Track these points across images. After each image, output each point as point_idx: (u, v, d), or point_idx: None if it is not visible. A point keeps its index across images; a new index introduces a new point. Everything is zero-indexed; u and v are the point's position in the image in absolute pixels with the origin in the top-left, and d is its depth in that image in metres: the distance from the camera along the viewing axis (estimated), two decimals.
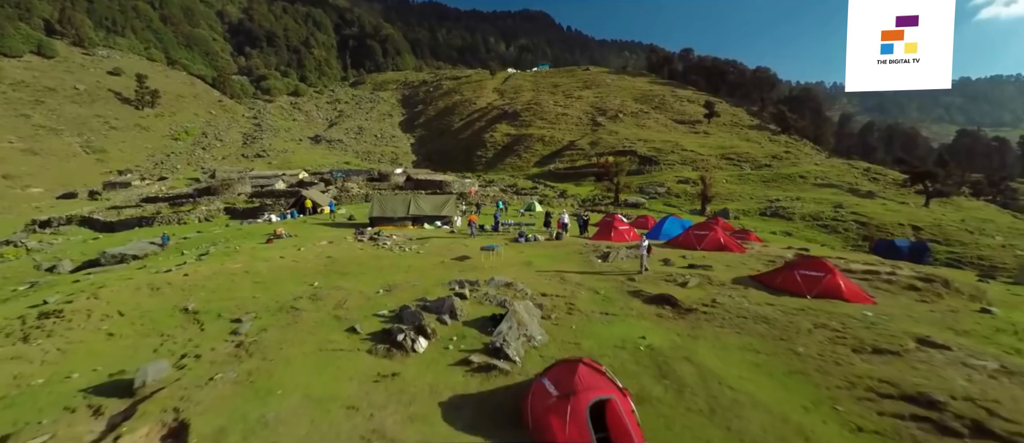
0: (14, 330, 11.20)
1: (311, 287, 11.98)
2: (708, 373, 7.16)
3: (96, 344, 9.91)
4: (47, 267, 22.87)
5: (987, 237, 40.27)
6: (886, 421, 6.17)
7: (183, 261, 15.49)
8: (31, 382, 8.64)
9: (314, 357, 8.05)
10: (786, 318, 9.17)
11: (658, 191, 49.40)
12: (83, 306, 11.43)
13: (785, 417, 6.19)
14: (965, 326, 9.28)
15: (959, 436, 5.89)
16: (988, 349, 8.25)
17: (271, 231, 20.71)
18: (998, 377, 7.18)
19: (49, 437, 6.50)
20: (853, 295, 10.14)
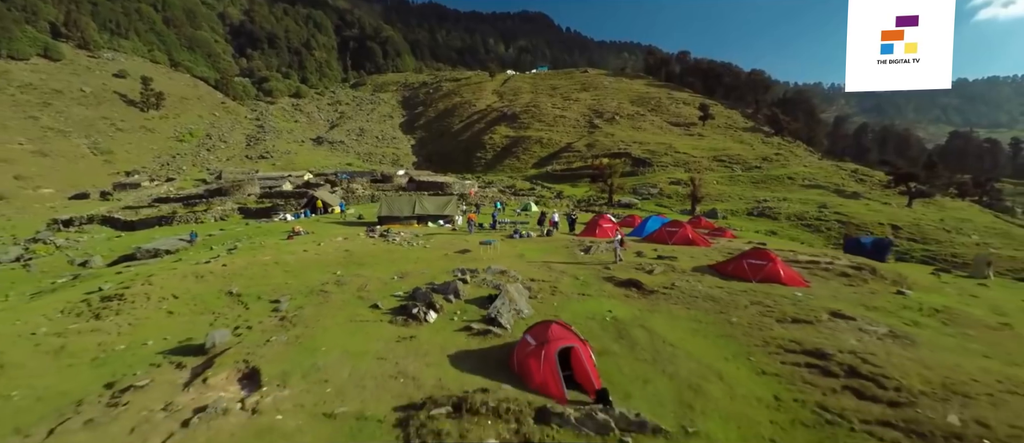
0: (83, 311, 13.24)
1: (335, 275, 14.03)
2: (656, 336, 9.20)
3: (159, 320, 11.95)
4: (80, 262, 24.88)
5: (964, 236, 42.33)
6: (785, 368, 8.21)
7: (216, 255, 17.51)
8: (114, 348, 10.68)
9: (346, 326, 10.09)
10: (729, 297, 11.22)
11: (651, 192, 51.44)
12: (141, 291, 13.46)
13: (709, 364, 8.24)
14: (877, 304, 11.34)
15: (836, 377, 7.93)
16: (887, 320, 10.30)
17: (289, 229, 22.77)
18: (883, 339, 9.24)
19: (149, 381, 8.52)
20: (790, 280, 12.18)
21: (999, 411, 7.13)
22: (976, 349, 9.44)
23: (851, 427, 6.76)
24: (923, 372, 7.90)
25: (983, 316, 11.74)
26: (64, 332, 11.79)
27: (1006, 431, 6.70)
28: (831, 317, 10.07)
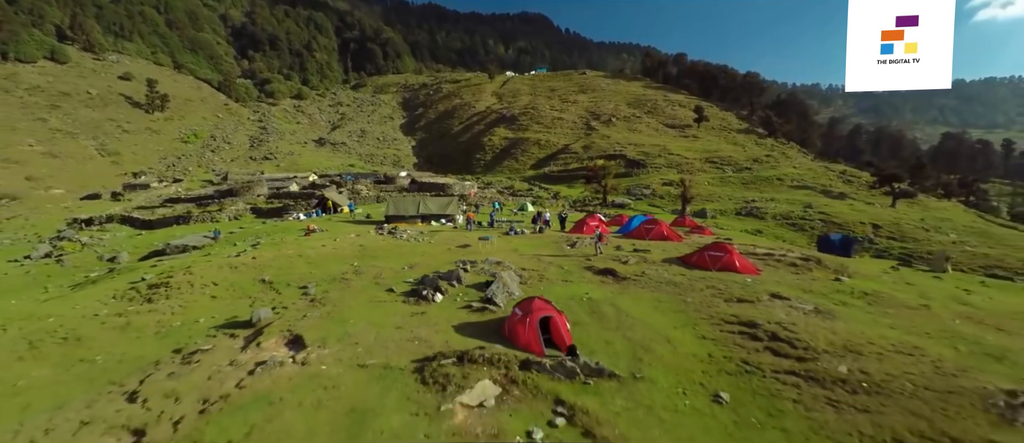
0: (135, 297, 15.32)
1: (352, 266, 16.10)
2: (622, 311, 11.28)
3: (204, 303, 14.02)
4: (108, 258, 26.95)
5: (942, 234, 44.44)
6: (722, 334, 10.29)
7: (242, 250, 19.57)
8: (171, 324, 12.76)
9: (367, 305, 12.16)
10: (688, 282, 13.31)
11: (644, 193, 53.53)
12: (184, 279, 15.53)
13: (661, 332, 10.32)
14: (814, 288, 13.43)
15: (760, 341, 10.01)
16: (818, 300, 12.39)
17: (305, 227, 24.88)
18: (808, 314, 11.33)
19: (212, 346, 10.58)
20: (744, 268, 14.26)
21: (881, 364, 9.20)
22: (885, 322, 11.54)
23: (763, 375, 8.84)
24: (830, 337, 9.98)
25: (907, 299, 13.83)
26: (124, 313, 13.87)
27: (882, 377, 8.77)
28: (770, 298, 12.16)
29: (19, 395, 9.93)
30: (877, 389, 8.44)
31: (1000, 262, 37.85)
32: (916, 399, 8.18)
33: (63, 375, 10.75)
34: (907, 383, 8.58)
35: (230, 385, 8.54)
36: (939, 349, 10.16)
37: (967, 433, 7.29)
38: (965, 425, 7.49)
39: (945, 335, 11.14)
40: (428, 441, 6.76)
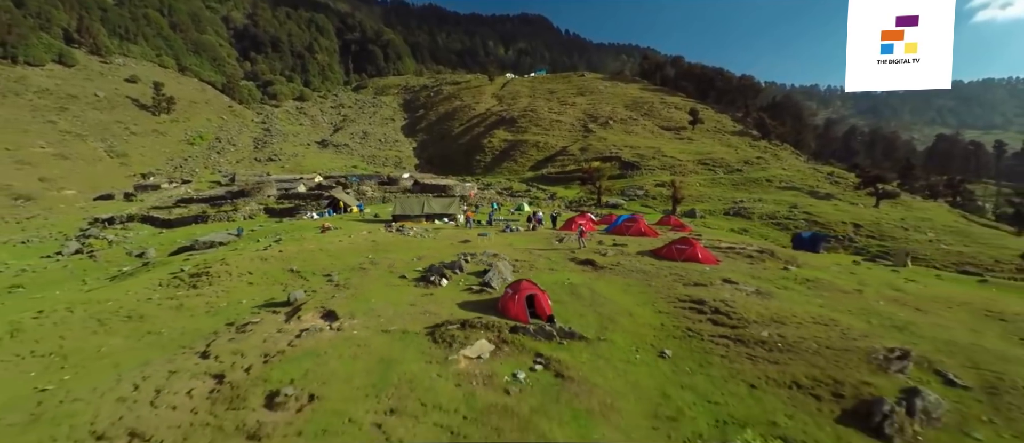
0: (180, 284, 17.73)
1: (368, 258, 18.51)
2: (596, 292, 13.69)
3: (243, 288, 16.43)
4: (137, 253, 29.37)
5: (920, 233, 46.74)
6: (674, 310, 12.70)
7: (267, 245, 21.99)
8: (219, 305, 15.17)
9: (384, 288, 14.57)
10: (655, 270, 15.72)
11: (637, 194, 55.93)
12: (222, 269, 17.94)
13: (625, 308, 12.73)
14: (763, 275, 15.84)
15: (704, 314, 12.41)
16: (762, 284, 14.80)
17: (319, 225, 27.32)
18: (749, 295, 13.74)
19: (260, 319, 12.98)
20: (705, 259, 16.66)
21: (798, 331, 11.60)
22: (816, 302, 13.95)
23: (702, 338, 11.24)
24: (761, 311, 12.39)
25: (845, 285, 16.23)
26: (174, 297, 16.29)
27: (795, 339, 11.16)
28: (722, 282, 14.56)
29: (106, 358, 12.37)
30: (789, 348, 10.84)
31: (973, 259, 40.34)
32: (818, 355, 10.57)
33: (136, 344, 13.19)
34: (813, 344, 10.98)
35: (283, 344, 10.95)
36: (852, 321, 12.56)
37: (848, 377, 9.69)
38: (848, 372, 9.89)
39: (863, 312, 13.54)
40: (439, 379, 9.16)
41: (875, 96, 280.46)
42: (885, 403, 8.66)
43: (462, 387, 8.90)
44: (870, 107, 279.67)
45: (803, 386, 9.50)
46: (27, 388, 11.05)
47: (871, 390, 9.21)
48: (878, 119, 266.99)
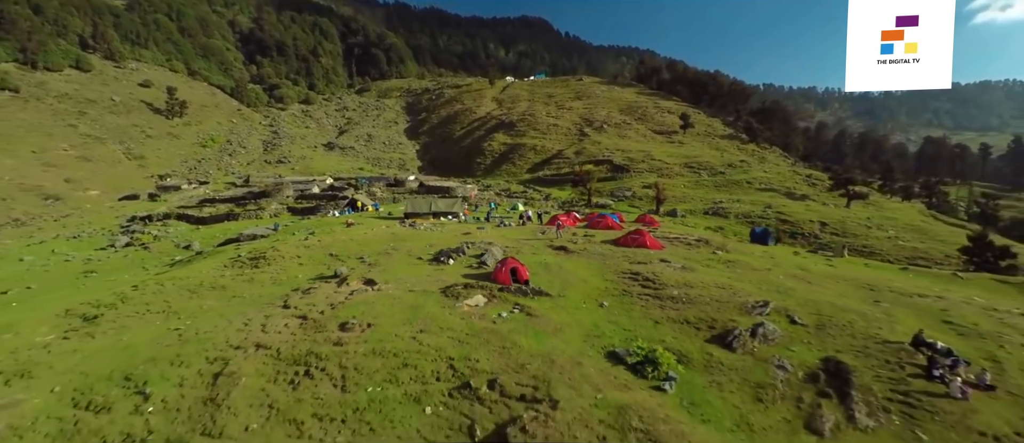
0: (242, 266, 22.77)
1: (390, 245, 23.59)
2: (564, 269, 18.75)
3: (296, 268, 21.49)
4: (184, 246, 34.48)
5: (882, 231, 51.50)
6: (617, 278, 17.76)
7: (305, 237, 27.06)
8: (279, 279, 20.23)
9: (406, 266, 19.64)
10: (611, 253, 20.78)
11: (626, 195, 60.93)
12: (275, 254, 23.00)
13: (582, 277, 17.80)
14: (694, 257, 20.89)
15: (637, 281, 17.45)
16: (689, 263, 19.83)
17: (344, 221, 32.34)
18: (676, 269, 18.78)
19: (318, 286, 17.99)
20: (652, 245, 21.69)
21: (700, 291, 16.63)
22: (727, 275, 18.95)
23: (631, 296, 16.29)
24: (678, 279, 17.43)
25: (759, 265, 21.24)
26: (243, 273, 21.36)
27: (695, 296, 16.19)
28: (658, 261, 19.60)
29: (210, 311, 17.43)
30: (689, 301, 15.87)
31: (925, 254, 45.37)
32: (707, 305, 15.61)
33: (227, 303, 18.25)
34: (707, 299, 16.00)
35: (341, 299, 16.01)
36: (745, 287, 17.56)
37: (722, 317, 14.74)
38: (723, 315, 14.93)
39: (760, 282, 18.54)
40: (450, 316, 14.20)
41: (872, 98, 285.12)
42: (737, 330, 13.73)
43: (465, 320, 13.95)
44: (867, 109, 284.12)
45: (690, 322, 14.57)
46: (163, 329, 16.11)
47: (732, 324, 14.24)
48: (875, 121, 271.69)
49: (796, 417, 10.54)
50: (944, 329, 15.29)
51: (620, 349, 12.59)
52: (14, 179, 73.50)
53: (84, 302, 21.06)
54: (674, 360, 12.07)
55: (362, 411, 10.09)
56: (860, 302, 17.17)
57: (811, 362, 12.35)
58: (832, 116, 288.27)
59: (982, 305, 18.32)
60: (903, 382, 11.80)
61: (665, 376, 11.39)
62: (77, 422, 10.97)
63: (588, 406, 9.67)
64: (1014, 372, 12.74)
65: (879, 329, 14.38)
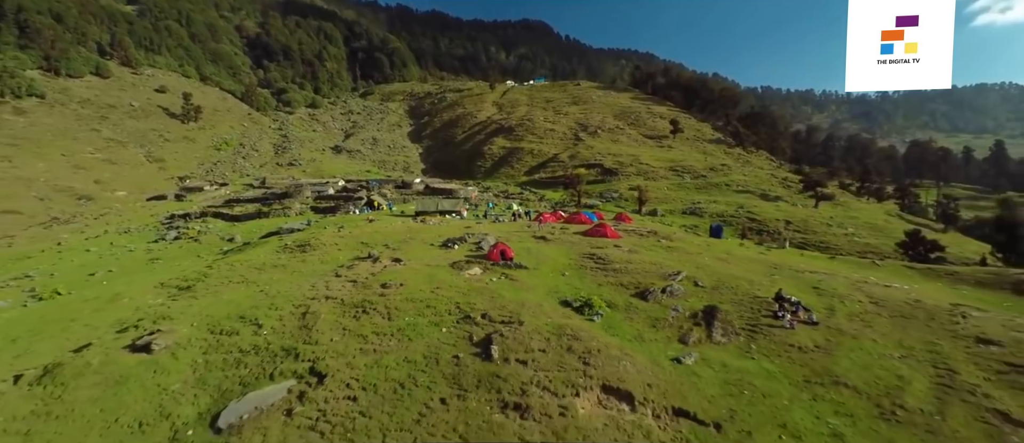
0: (293, 252, 29.26)
1: (407, 236, 30.08)
2: (541, 251, 25.26)
3: (336, 252, 27.98)
4: (228, 238, 41.00)
5: (841, 229, 57.84)
6: (579, 258, 24.30)
7: (337, 230, 33.56)
8: (325, 260, 26.73)
9: (421, 250, 26.19)
10: (579, 241, 27.27)
11: (613, 196, 67.38)
12: (317, 242, 29.49)
13: (552, 257, 24.34)
14: (642, 244, 27.41)
15: (593, 260, 23.93)
16: (635, 248, 26.32)
17: (366, 218, 38.86)
18: (623, 252, 25.26)
19: (356, 264, 24.45)
20: (611, 235, 28.13)
21: (638, 266, 23.07)
22: (663, 256, 25.37)
23: (587, 269, 22.77)
24: (623, 258, 23.89)
25: (694, 250, 27.66)
26: (295, 257, 27.85)
27: (632, 268, 22.64)
28: (613, 247, 26.06)
29: (277, 281, 23.91)
30: (627, 272, 22.30)
31: (875, 248, 51.87)
32: (638, 274, 22.04)
33: (291, 277, 24.73)
34: (640, 270, 22.42)
35: (377, 270, 22.49)
36: (674, 264, 23.96)
37: (646, 282, 21.17)
38: (648, 280, 21.37)
39: (688, 262, 24.94)
40: (457, 280, 20.64)
41: (869, 101, 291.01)
42: (653, 289, 20.18)
43: (466, 282, 20.40)
44: (864, 111, 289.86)
45: (623, 285, 21.03)
46: (250, 292, 22.58)
47: (652, 285, 20.68)
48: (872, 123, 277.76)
49: (674, 335, 16.98)
50: (810, 292, 21.68)
51: (569, 298, 19.06)
52: (49, 181, 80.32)
53: (172, 278, 27.69)
54: (605, 305, 18.54)
55: (403, 330, 16.53)
56: (757, 275, 23.58)
57: (697, 307, 18.77)
58: (829, 118, 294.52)
59: (855, 279, 24.76)
60: (755, 319, 18.21)
61: (596, 313, 17.85)
62: (217, 340, 17.45)
63: (541, 325, 16.08)
64: (839, 317, 19.10)
65: (758, 290, 20.78)
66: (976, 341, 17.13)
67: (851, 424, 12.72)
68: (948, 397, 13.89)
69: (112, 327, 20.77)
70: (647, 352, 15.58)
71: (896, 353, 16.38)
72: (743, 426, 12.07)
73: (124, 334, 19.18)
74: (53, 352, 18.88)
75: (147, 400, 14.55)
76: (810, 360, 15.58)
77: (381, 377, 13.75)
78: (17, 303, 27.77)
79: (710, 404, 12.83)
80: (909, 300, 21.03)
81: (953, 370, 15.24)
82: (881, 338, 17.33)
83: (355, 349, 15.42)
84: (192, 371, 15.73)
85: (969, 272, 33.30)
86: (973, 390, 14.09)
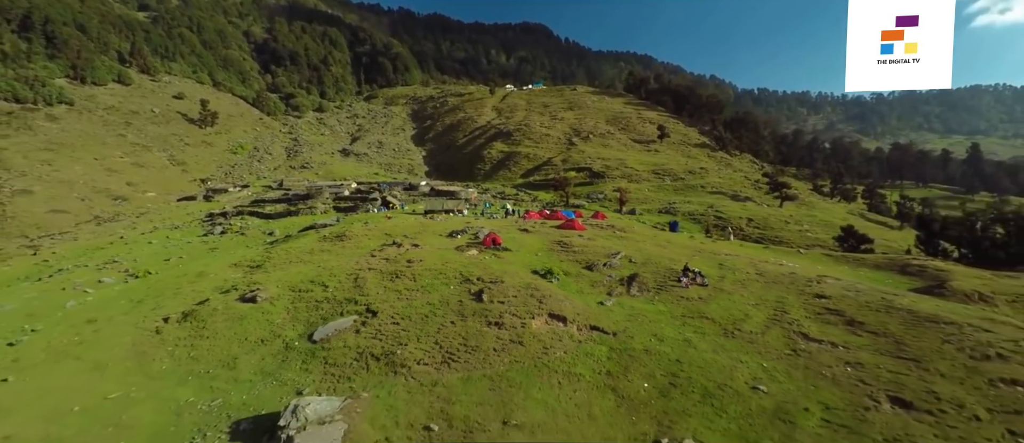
0: (333, 240, 38.08)
1: (421, 228, 38.88)
2: (523, 239, 34.12)
3: (366, 241, 36.78)
4: (269, 233, 49.79)
5: (797, 225, 66.30)
6: (551, 243, 33.18)
7: (363, 224, 42.34)
8: (359, 246, 35.55)
9: (433, 239, 35.07)
10: (551, 232, 36.10)
11: (598, 197, 76.05)
12: (351, 234, 38.31)
13: (529, 243, 33.17)
14: (600, 234, 36.30)
15: (560, 244, 32.73)
16: (594, 237, 35.17)
17: (385, 215, 47.62)
18: (585, 240, 34.09)
19: (384, 248, 33.19)
20: (578, 228, 36.84)
21: (591, 249, 31.85)
22: (615, 243, 34.12)
23: (554, 251, 31.57)
24: (582, 244, 32.67)
25: (640, 239, 36.40)
26: (334, 245, 36.65)
27: (590, 250, 31.44)
28: (577, 236, 34.83)
29: (330, 260, 32.70)
30: (582, 252, 31.05)
31: (821, 242, 60.10)
32: (590, 254, 30.82)
33: (338, 257, 33.52)
34: (592, 252, 31.16)
35: (402, 252, 31.31)
36: (620, 248, 32.66)
37: (594, 259, 29.99)
38: (595, 258, 30.18)
39: (632, 247, 33.63)
40: (460, 258, 29.40)
41: (864, 102, 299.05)
42: (597, 263, 28.97)
43: (467, 259, 29.18)
44: (859, 113, 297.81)
45: (578, 261, 29.84)
46: (308, 268, 31.37)
47: (598, 261, 29.43)
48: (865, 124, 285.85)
49: (604, 291, 25.71)
50: (715, 266, 30.35)
51: (538, 268, 27.84)
52: (87, 182, 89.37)
53: (241, 260, 36.55)
54: (562, 273, 27.33)
55: (424, 288, 25.26)
56: (682, 255, 32.26)
57: (625, 274, 27.50)
58: (825, 120, 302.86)
59: (758, 259, 33.42)
60: (664, 282, 26.94)
61: (554, 277, 26.62)
62: (298, 295, 26.24)
63: (516, 283, 24.79)
64: (726, 282, 27.75)
65: (675, 265, 29.46)
66: (814, 296, 25.72)
67: (701, 336, 21.34)
68: (774, 325, 22.53)
69: (215, 290, 29.60)
70: (583, 299, 24.39)
71: (753, 302, 25.03)
72: (629, 334, 20.80)
73: (228, 294, 28.00)
74: (180, 306, 27.68)
75: (262, 327, 23.40)
76: (690, 305, 24.31)
77: (412, 312, 22.56)
78: (120, 280, 36.62)
79: (614, 324, 21.59)
80: (785, 272, 29.71)
81: (786, 311, 23.88)
82: (748, 294, 25.99)
83: (394, 298, 24.24)
84: (287, 312, 24.57)
85: (872, 259, 42.30)
86: (793, 323, 22.69)
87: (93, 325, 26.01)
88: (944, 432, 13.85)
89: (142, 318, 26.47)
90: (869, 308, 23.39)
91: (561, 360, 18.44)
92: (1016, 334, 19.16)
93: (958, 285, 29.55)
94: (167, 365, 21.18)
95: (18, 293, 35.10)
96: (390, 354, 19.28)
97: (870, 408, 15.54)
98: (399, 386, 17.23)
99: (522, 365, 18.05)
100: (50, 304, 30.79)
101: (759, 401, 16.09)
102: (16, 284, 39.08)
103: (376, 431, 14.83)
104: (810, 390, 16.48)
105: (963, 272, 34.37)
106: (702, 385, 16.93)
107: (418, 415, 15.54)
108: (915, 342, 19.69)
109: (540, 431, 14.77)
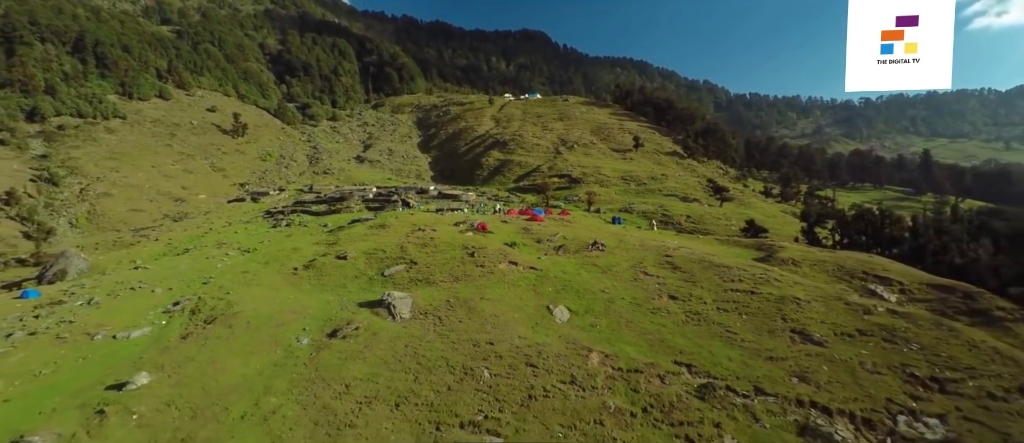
0: (377, 229, 59.18)
1: (435, 221, 59.88)
2: (501, 227, 55.37)
3: (401, 228, 57.93)
4: (323, 225, 71.00)
5: (726, 220, 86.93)
6: (520, 230, 54.35)
7: (394, 218, 63.32)
8: (398, 232, 56.65)
9: (444, 226, 56.34)
10: (522, 223, 57.22)
11: (574, 199, 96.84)
12: (388, 224, 59.44)
13: (507, 232, 54.34)
14: (554, 224, 57.46)
15: (527, 232, 53.81)
16: (551, 227, 56.36)
17: (408, 213, 68.63)
18: (542, 227, 55.26)
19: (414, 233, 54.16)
20: (539, 220, 57.77)
21: (543, 232, 52.82)
22: (562, 228, 55.14)
23: (523, 236, 52.63)
24: (539, 230, 53.76)
25: (581, 226, 57.33)
26: (378, 232, 57.78)
27: (541, 233, 52.43)
28: (539, 226, 55.89)
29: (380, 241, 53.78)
30: (537, 233, 52.04)
31: (736, 233, 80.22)
32: (541, 234, 51.78)
33: (384, 238, 54.64)
34: (543, 233, 52.12)
35: (426, 234, 52.39)
36: (563, 231, 53.51)
37: (542, 236, 51.05)
38: (544, 236, 51.19)
39: (570, 231, 54.52)
40: (462, 236, 50.38)
41: (852, 107, 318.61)
42: (544, 239, 50.19)
43: (466, 237, 50.24)
44: (846, 117, 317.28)
45: (533, 238, 50.99)
46: (370, 243, 52.44)
47: (544, 237, 50.49)
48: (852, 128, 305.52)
49: (544, 252, 46.71)
50: (616, 240, 51.26)
51: (508, 241, 48.94)
52: (151, 186, 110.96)
53: (318, 241, 57.73)
54: (521, 243, 48.41)
55: (441, 250, 46.28)
56: (600, 235, 53.10)
57: (558, 245, 48.46)
58: (813, 124, 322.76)
59: (651, 238, 54.33)
60: (581, 248, 47.98)
61: (516, 246, 47.64)
62: (368, 255, 47.50)
63: (494, 249, 45.73)
64: (618, 249, 48.82)
65: (590, 240, 50.35)
66: (664, 255, 46.56)
67: (587, 271, 42.28)
68: (630, 269, 43.52)
69: (315, 255, 50.60)
70: (530, 255, 45.62)
71: (626, 258, 45.94)
72: (548, 270, 41.86)
73: (325, 257, 49.09)
74: (298, 262, 48.77)
75: (355, 270, 44.81)
76: (588, 258, 45.39)
77: (437, 260, 43.87)
78: (238, 254, 57.72)
79: (542, 266, 42.89)
80: (658, 243, 50.57)
81: (642, 263, 44.90)
82: (627, 255, 46.89)
83: (425, 255, 45.47)
84: (366, 263, 45.83)
85: (748, 242, 62.80)
86: (640, 266, 43.74)
87: (248, 275, 47.25)
88: (687, 307, 34.75)
89: (277, 269, 47.70)
90: (690, 261, 44.19)
91: (511, 280, 39.57)
92: (768, 274, 39.89)
93: (781, 255, 49.92)
94: (309, 287, 42.43)
95: (172, 263, 56.32)
96: (426, 278, 40.50)
97: (655, 298, 36.53)
98: (432, 289, 38.34)
99: (491, 281, 39.20)
100: (206, 267, 52.04)
101: (602, 295, 37.14)
102: (162, 258, 60.35)
103: (424, 303, 35.82)
104: (630, 292, 37.49)
105: (795, 248, 54.81)
106: (576, 289, 38.01)
107: (441, 297, 36.57)
108: (702, 275, 40.62)
109: (498, 302, 35.72)
